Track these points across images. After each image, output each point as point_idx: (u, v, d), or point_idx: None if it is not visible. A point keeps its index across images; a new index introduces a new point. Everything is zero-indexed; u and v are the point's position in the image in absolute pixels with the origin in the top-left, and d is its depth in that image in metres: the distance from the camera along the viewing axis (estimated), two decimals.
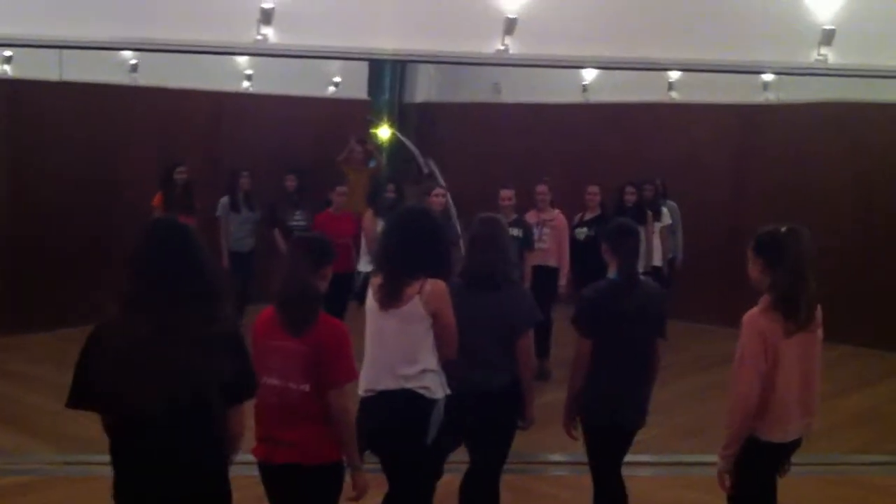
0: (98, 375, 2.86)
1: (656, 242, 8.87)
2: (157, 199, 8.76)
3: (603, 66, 7.45)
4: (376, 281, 4.00)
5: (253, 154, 10.02)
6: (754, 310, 3.77)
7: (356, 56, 6.63)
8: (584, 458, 4.51)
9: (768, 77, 9.81)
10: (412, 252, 3.93)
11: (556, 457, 5.91)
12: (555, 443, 5.32)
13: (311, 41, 5.86)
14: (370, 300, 4.03)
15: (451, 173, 9.87)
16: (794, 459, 3.94)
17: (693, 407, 6.99)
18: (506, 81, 12.05)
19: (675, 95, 10.65)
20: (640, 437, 4.51)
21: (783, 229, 3.81)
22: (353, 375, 3.61)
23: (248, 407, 3.17)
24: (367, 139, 11.26)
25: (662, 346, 4.49)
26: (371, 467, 3.88)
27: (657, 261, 8.89)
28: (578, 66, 8.34)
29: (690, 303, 9.41)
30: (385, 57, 6.79)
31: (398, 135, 11.65)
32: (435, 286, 3.92)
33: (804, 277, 3.75)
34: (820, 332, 3.87)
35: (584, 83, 11.30)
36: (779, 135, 10.17)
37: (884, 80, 8.55)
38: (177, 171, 8.88)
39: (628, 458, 4.53)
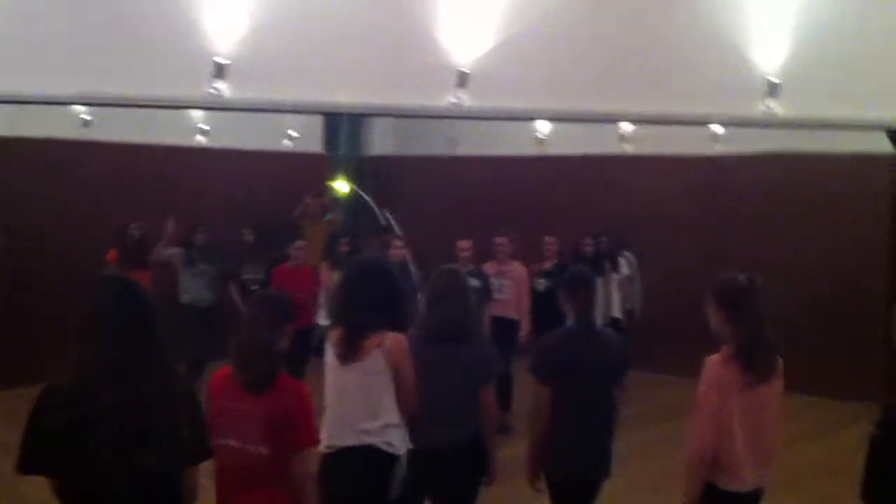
0: (50, 441, 2.77)
1: (614, 294, 8.93)
2: (111, 255, 8.66)
3: (555, 118, 7.55)
4: (335, 335, 3.96)
5: (208, 208, 9.97)
6: (714, 357, 3.78)
7: (310, 110, 6.64)
8: None
9: (718, 129, 9.98)
10: (370, 305, 3.90)
11: None
12: (519, 497, 5.25)
13: (265, 95, 5.85)
14: (329, 354, 3.99)
15: (409, 226, 9.88)
16: None
17: (656, 458, 6.96)
18: (461, 134, 12.14)
19: (627, 148, 10.78)
20: (604, 489, 4.47)
21: (742, 279, 3.83)
22: (316, 439, 3.56)
23: (204, 468, 3.10)
24: (323, 192, 11.26)
25: (623, 396, 4.50)
26: None
27: (615, 311, 8.94)
28: (531, 118, 8.43)
29: (650, 353, 9.45)
30: (339, 110, 6.81)
31: (355, 188, 11.66)
32: (395, 340, 3.89)
33: (763, 328, 3.77)
34: (779, 383, 3.88)
35: (538, 135, 11.40)
36: (732, 186, 10.34)
37: (830, 132, 8.78)
38: (131, 227, 8.82)
39: None
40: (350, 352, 3.90)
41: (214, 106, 6.12)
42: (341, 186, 11.85)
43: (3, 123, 8.72)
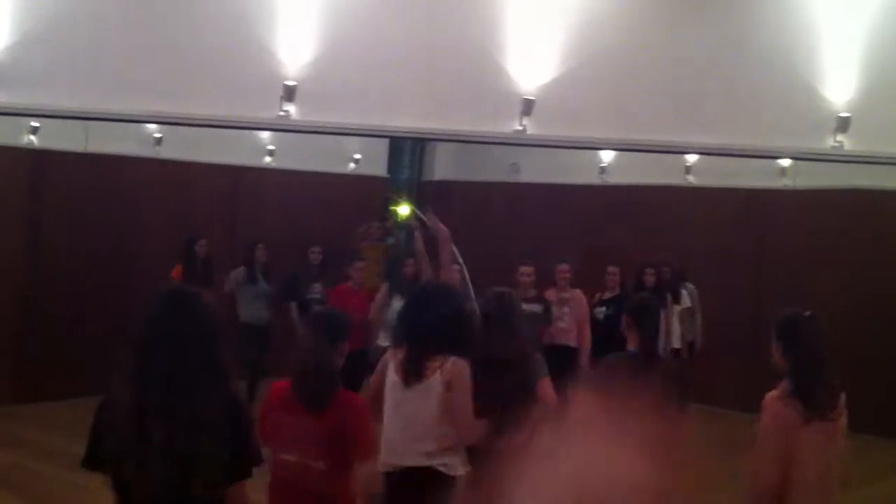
0: (104, 446, 2.84)
1: (675, 325, 8.83)
2: (176, 272, 8.79)
3: (618, 147, 7.51)
4: (398, 355, 3.98)
5: (271, 228, 10.11)
6: (773, 393, 3.72)
7: (375, 133, 6.71)
8: None
9: (785, 162, 9.85)
10: (436, 328, 3.91)
11: None
12: None
13: (331, 118, 5.95)
14: (391, 375, 4.00)
15: (469, 251, 9.87)
16: None
17: (715, 495, 6.84)
18: (524, 161, 12.14)
19: (691, 179, 10.69)
20: None
21: (804, 315, 3.79)
22: (373, 453, 3.59)
23: (257, 485, 3.12)
24: (386, 216, 11.32)
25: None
26: None
27: (676, 343, 8.83)
28: (594, 147, 8.41)
29: (710, 387, 9.31)
30: (403, 134, 6.85)
31: (416, 210, 11.71)
32: (455, 364, 3.90)
33: (822, 364, 3.70)
34: (843, 421, 3.80)
35: (601, 164, 11.36)
36: (797, 221, 10.17)
37: None
38: (197, 244, 8.96)
39: None
40: (414, 373, 3.91)
41: (282, 128, 6.25)
42: (403, 210, 11.92)
43: (78, 139, 9.00)
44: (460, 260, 8.88)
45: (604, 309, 8.31)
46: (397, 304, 6.77)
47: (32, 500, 6.50)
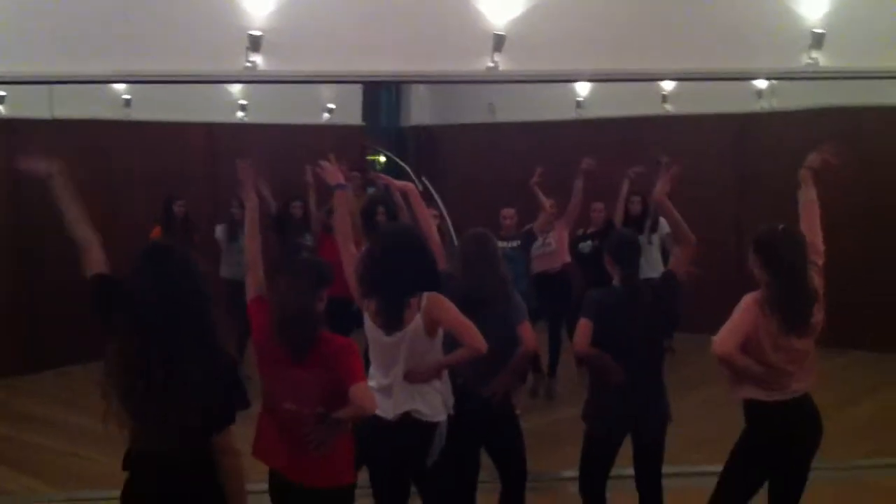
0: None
1: (656, 254, 8.82)
2: (156, 233, 8.71)
3: (592, 78, 7.44)
4: (372, 306, 3.93)
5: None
6: (753, 295, 3.84)
7: (346, 80, 6.62)
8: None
9: (762, 85, 9.77)
10: (402, 272, 3.85)
11: (568, 473, 5.81)
12: (565, 460, 5.25)
13: (300, 66, 5.85)
14: (370, 326, 3.96)
15: (451, 195, 9.82)
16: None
17: (704, 419, 6.90)
18: (500, 101, 12.03)
19: (669, 108, 10.61)
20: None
21: (779, 228, 3.85)
22: (363, 376, 3.49)
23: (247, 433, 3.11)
24: (366, 167, 11.21)
25: (670, 358, 4.48)
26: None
27: (654, 271, 8.83)
28: (568, 80, 8.32)
29: (695, 315, 9.33)
30: (374, 79, 6.77)
31: (391, 155, 11.63)
32: (431, 297, 3.86)
33: (799, 276, 3.74)
34: (816, 332, 3.91)
35: (577, 98, 11.28)
36: (777, 143, 10.12)
37: (881, 84, 8.56)
38: (175, 204, 8.86)
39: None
40: (394, 321, 3.87)
41: (251, 79, 6.14)
42: (380, 157, 11.84)
43: (43, 106, 8.82)
44: (441, 206, 8.85)
45: (589, 243, 8.29)
46: None
47: (27, 471, 6.48)
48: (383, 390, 3.92)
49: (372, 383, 3.94)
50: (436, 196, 9.44)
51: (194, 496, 2.94)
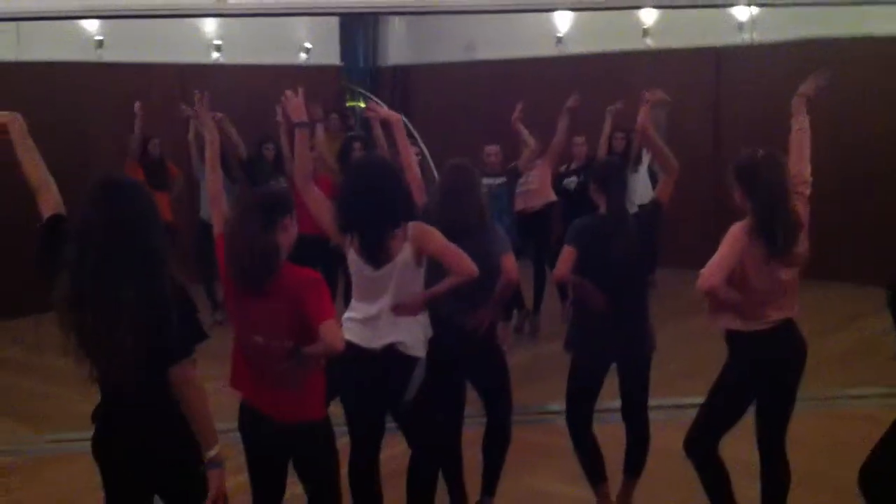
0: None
1: (638, 186, 8.79)
2: (129, 168, 8.46)
3: (573, 7, 7.31)
4: (353, 242, 3.86)
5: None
6: (740, 224, 3.78)
7: (320, 12, 6.49)
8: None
9: (742, 17, 9.69)
10: (383, 203, 3.77)
11: (554, 406, 5.83)
12: (551, 394, 5.26)
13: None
14: (356, 260, 3.87)
15: (430, 135, 9.72)
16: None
17: (686, 351, 6.93)
18: (480, 38, 11.90)
19: (650, 42, 10.50)
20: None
21: (759, 154, 3.80)
22: (332, 313, 3.33)
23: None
24: (346, 113, 11.07)
25: (652, 292, 4.46)
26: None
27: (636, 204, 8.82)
28: (547, 9, 8.17)
29: (676, 248, 9.35)
30: (350, 11, 6.63)
31: (370, 96, 11.48)
32: (416, 227, 3.81)
33: (782, 202, 3.73)
34: (802, 257, 3.86)
35: (558, 34, 11.16)
36: (758, 76, 10.05)
37: (861, 14, 8.51)
38: (150, 143, 8.74)
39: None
40: (382, 254, 3.78)
41: (223, 13, 6.00)
42: (360, 103, 11.69)
43: (9, 46, 8.60)
44: (420, 144, 8.75)
45: (574, 179, 8.24)
46: None
47: (2, 413, 6.47)
48: (368, 321, 3.85)
49: (354, 314, 3.89)
50: (416, 134, 9.35)
51: (159, 433, 2.91)
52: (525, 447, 5.11)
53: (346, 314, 3.93)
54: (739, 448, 4.12)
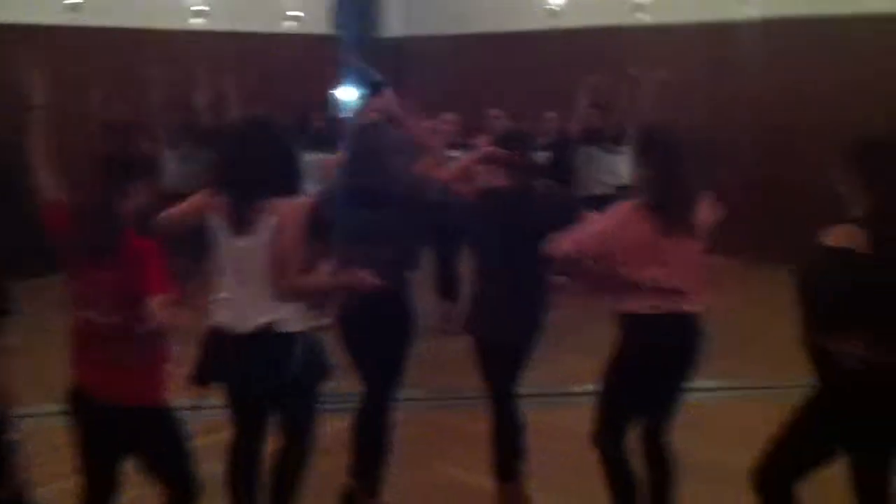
0: None
1: (620, 165, 8.53)
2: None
3: None
4: (218, 203, 3.53)
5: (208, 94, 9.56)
6: (629, 202, 3.58)
7: None
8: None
9: None
10: (258, 170, 3.49)
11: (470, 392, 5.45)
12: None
13: None
14: (218, 225, 3.56)
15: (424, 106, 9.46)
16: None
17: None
18: (472, 10, 11.73)
19: (643, 17, 10.19)
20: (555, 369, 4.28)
21: (657, 126, 3.71)
22: (166, 288, 3.10)
23: None
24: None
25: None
26: None
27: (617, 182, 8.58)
28: None
29: None
30: None
31: (367, 67, 11.20)
32: (290, 206, 3.50)
33: (674, 174, 3.53)
34: (705, 227, 3.66)
35: (551, 7, 10.92)
36: (761, 53, 9.74)
37: None
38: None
39: (543, 390, 4.52)
40: (243, 221, 3.47)
41: None
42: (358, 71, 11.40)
43: None
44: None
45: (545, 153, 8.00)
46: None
47: None
48: (236, 301, 3.54)
49: (222, 294, 3.59)
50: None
51: None
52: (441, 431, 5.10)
53: (212, 296, 3.63)
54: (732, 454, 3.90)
